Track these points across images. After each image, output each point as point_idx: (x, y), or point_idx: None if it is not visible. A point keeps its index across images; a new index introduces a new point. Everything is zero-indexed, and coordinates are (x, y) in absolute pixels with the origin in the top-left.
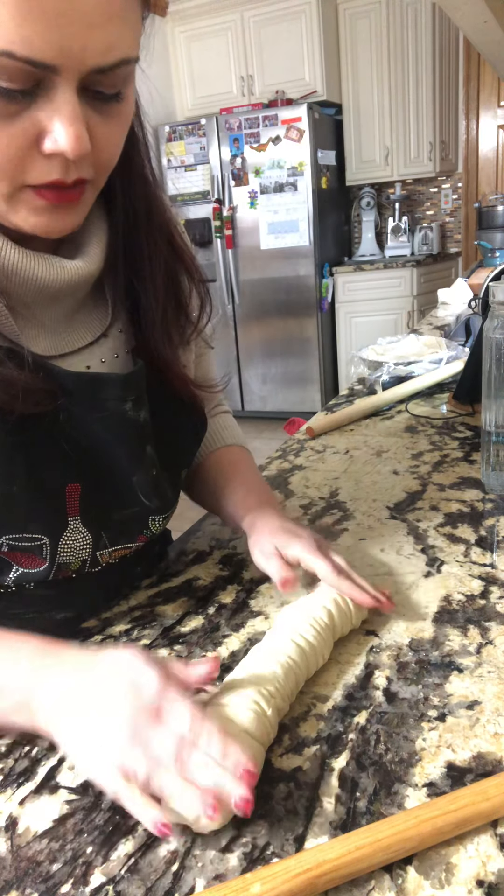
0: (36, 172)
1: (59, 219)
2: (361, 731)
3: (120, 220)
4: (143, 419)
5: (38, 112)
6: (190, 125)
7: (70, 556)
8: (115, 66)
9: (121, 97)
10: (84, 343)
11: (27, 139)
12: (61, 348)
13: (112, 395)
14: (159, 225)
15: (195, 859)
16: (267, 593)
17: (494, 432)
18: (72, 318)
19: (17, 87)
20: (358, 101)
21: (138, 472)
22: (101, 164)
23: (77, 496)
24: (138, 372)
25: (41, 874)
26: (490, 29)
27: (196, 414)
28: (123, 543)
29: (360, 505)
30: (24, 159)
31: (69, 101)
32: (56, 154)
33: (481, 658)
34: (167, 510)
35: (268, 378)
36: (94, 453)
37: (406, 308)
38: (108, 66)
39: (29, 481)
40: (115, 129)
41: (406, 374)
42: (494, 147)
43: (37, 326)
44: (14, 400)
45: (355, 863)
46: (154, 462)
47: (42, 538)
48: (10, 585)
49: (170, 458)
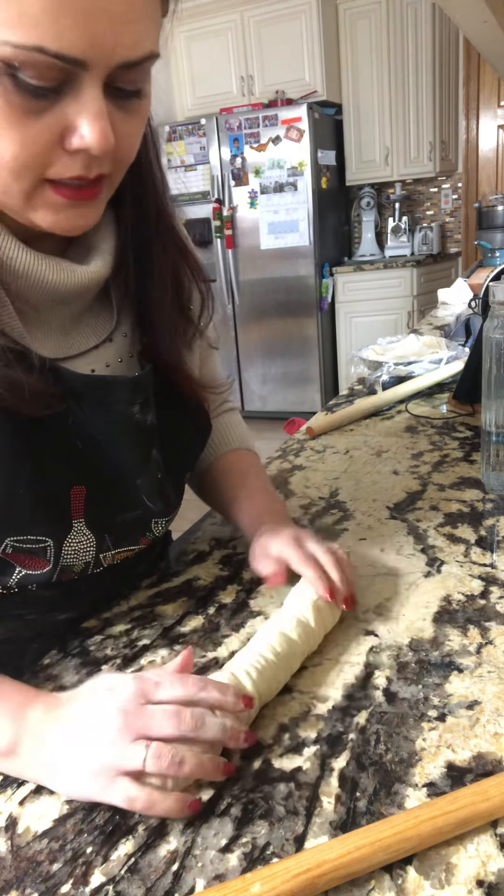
0: (58, 168)
1: (77, 216)
2: (361, 731)
3: (130, 222)
4: (150, 422)
5: (65, 109)
6: (190, 125)
7: (74, 558)
8: (141, 62)
9: (141, 94)
10: (89, 346)
11: (52, 135)
12: (67, 351)
13: (120, 398)
14: (167, 227)
15: (195, 859)
16: (267, 593)
17: (494, 432)
18: (78, 321)
19: (46, 83)
20: (358, 101)
21: (143, 475)
22: (119, 159)
23: (82, 498)
24: (146, 375)
25: (41, 874)
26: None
27: (201, 417)
28: (126, 546)
29: (360, 505)
30: (49, 155)
31: (96, 97)
32: (81, 150)
33: (481, 658)
34: (170, 513)
35: (268, 378)
36: (100, 456)
37: (406, 308)
38: (135, 60)
39: (34, 483)
40: (134, 126)
41: (406, 374)
42: (494, 147)
43: (44, 329)
44: (22, 402)
45: (355, 863)
46: (159, 465)
47: (46, 540)
48: (12, 587)
49: (174, 462)
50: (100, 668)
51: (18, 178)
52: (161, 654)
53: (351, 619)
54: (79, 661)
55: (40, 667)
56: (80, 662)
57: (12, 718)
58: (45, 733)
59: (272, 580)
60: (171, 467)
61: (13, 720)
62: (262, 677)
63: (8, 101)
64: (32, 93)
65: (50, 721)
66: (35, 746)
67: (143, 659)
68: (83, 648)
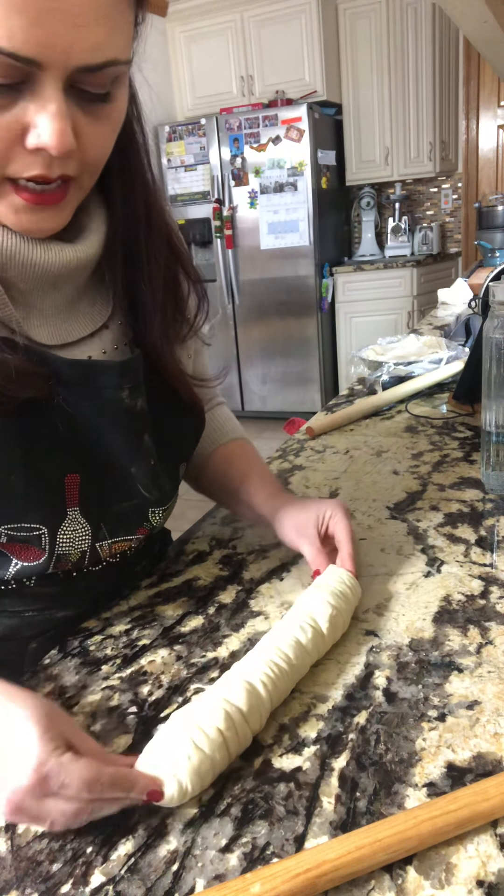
0: (18, 165)
1: (40, 219)
2: (361, 731)
3: (119, 217)
4: (139, 408)
5: (24, 107)
6: (190, 125)
7: (69, 546)
8: (102, 67)
9: (109, 98)
10: (85, 333)
11: (11, 133)
12: (63, 338)
13: (108, 382)
14: (159, 227)
15: (195, 859)
16: (267, 593)
17: (494, 432)
18: (73, 308)
19: (3, 81)
20: (358, 101)
21: (136, 461)
22: (87, 163)
23: (76, 486)
24: (135, 359)
25: (41, 874)
26: (490, 29)
27: (194, 409)
28: (123, 535)
29: (360, 505)
30: (8, 153)
31: (54, 97)
32: (40, 149)
33: (481, 658)
34: (166, 502)
35: (268, 378)
36: (93, 443)
37: (406, 308)
38: (94, 65)
39: (27, 470)
40: (102, 130)
41: (406, 374)
42: (494, 147)
43: (37, 315)
44: (8, 382)
45: (355, 863)
46: (152, 453)
47: (40, 528)
48: (10, 581)
49: (168, 452)
50: (100, 667)
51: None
52: (161, 654)
53: (351, 619)
54: (79, 661)
55: (40, 666)
56: (80, 662)
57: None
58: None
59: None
60: (164, 457)
61: None
62: (276, 688)
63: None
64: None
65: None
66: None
67: (143, 659)
68: (83, 648)
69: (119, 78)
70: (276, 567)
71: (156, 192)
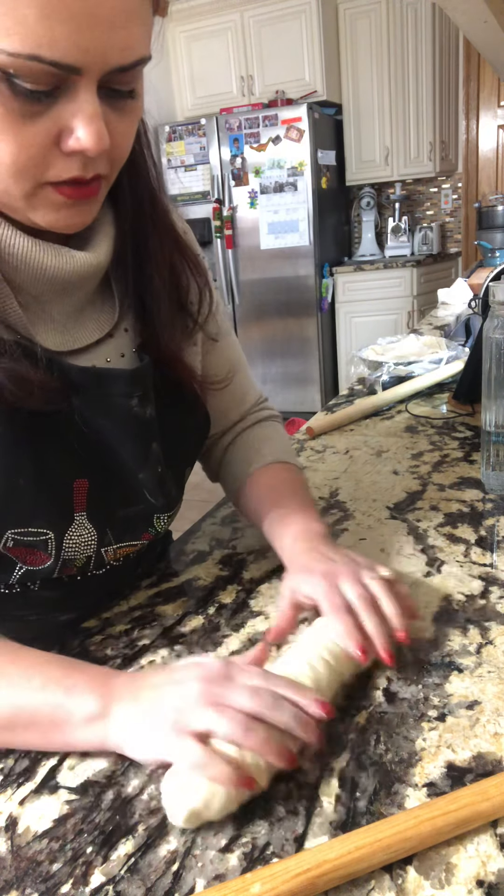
0: (56, 170)
1: (76, 214)
2: (361, 731)
3: (128, 217)
4: (149, 415)
5: (60, 112)
6: (190, 125)
7: (75, 551)
8: (134, 65)
9: (134, 94)
10: (92, 340)
11: (49, 138)
12: (70, 344)
13: (118, 390)
14: (163, 221)
15: (195, 859)
16: (267, 593)
17: (494, 432)
18: (80, 315)
19: (41, 88)
20: (358, 101)
21: (144, 468)
22: (115, 159)
23: (84, 491)
24: (144, 368)
25: (41, 874)
26: (490, 29)
27: (199, 411)
28: (128, 541)
29: (360, 505)
30: (46, 158)
31: (90, 100)
32: (77, 152)
33: (481, 658)
34: (172, 508)
35: (268, 378)
36: (102, 449)
37: (406, 308)
38: (128, 65)
39: (35, 475)
40: (128, 125)
41: (406, 374)
42: (494, 147)
43: (46, 321)
44: (28, 397)
45: (355, 863)
46: (159, 459)
47: (47, 533)
48: (14, 585)
49: (174, 456)
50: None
51: (18, 180)
52: (161, 653)
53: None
54: None
55: None
56: None
57: (100, 685)
58: (130, 699)
59: (272, 634)
60: (170, 462)
61: (101, 687)
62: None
63: (4, 106)
64: (28, 97)
65: (135, 689)
66: (123, 711)
67: (143, 659)
68: (83, 648)
69: (141, 73)
70: (276, 567)
71: (159, 184)
